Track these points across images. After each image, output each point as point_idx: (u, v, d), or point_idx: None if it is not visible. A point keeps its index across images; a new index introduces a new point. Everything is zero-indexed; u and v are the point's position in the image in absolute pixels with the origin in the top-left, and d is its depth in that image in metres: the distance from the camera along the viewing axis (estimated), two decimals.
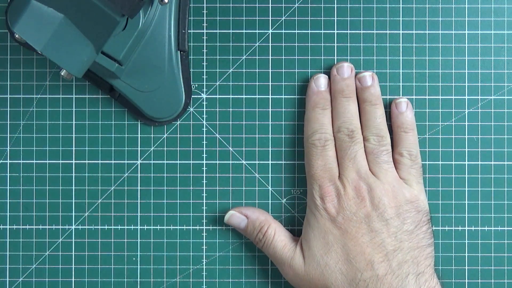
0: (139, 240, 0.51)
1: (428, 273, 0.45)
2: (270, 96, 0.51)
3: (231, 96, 0.51)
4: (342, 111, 0.48)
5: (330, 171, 0.47)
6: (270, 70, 0.51)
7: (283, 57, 0.51)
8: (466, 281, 0.50)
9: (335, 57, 0.51)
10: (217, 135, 0.51)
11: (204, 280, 0.51)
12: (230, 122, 0.51)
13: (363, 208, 0.46)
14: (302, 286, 0.47)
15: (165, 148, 0.51)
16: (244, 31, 0.51)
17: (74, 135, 0.51)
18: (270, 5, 0.51)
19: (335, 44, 0.51)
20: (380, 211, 0.46)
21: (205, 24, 0.51)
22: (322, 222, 0.46)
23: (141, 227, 0.51)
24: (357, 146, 0.47)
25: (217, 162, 0.51)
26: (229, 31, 0.51)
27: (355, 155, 0.47)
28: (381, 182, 0.46)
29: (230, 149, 0.51)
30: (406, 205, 0.46)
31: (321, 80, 0.49)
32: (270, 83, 0.51)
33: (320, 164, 0.47)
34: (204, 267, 0.51)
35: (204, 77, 0.51)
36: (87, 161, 0.51)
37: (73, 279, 0.51)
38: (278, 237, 0.48)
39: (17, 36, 0.49)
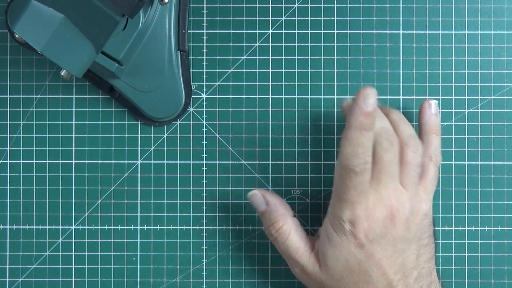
0: (139, 240, 0.51)
1: (436, 281, 0.45)
2: (270, 96, 0.51)
3: (231, 96, 0.51)
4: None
5: (364, 194, 0.43)
6: (270, 70, 0.51)
7: (283, 57, 0.51)
8: (466, 281, 0.50)
9: (335, 57, 0.51)
10: (217, 135, 0.51)
11: (204, 280, 0.51)
12: (230, 122, 0.51)
13: (392, 230, 0.43)
14: (312, 286, 0.46)
15: (165, 148, 0.51)
16: (244, 31, 0.51)
17: (74, 135, 0.51)
18: (270, 5, 0.51)
19: (335, 44, 0.51)
20: (406, 231, 0.44)
21: (205, 24, 0.51)
22: (347, 245, 0.44)
23: (141, 227, 0.51)
24: (396, 159, 0.44)
25: (217, 162, 0.51)
26: (229, 31, 0.51)
27: (394, 170, 0.44)
28: (410, 197, 0.44)
29: (230, 149, 0.51)
30: (424, 220, 0.45)
31: (372, 100, 0.42)
32: (270, 83, 0.51)
33: (357, 190, 0.43)
34: (204, 267, 0.51)
35: (204, 77, 0.51)
36: (87, 161, 0.51)
37: (73, 279, 0.51)
38: (292, 237, 0.46)
39: (17, 36, 0.49)
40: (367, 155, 0.43)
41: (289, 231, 0.46)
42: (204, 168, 0.51)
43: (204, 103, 0.51)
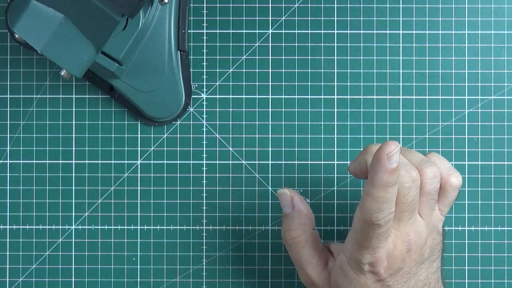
0: (139, 240, 0.51)
1: (440, 284, 0.45)
2: (270, 96, 0.51)
3: (231, 96, 0.51)
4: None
5: (385, 240, 0.42)
6: (270, 70, 0.51)
7: (283, 57, 0.51)
8: (466, 281, 0.50)
9: (335, 57, 0.51)
10: (217, 135, 0.51)
11: (204, 280, 0.51)
12: (230, 122, 0.51)
13: (408, 260, 0.43)
14: None
15: (165, 148, 0.51)
16: (244, 31, 0.51)
17: (74, 135, 0.51)
18: (270, 5, 0.51)
19: (335, 44, 0.51)
20: (420, 256, 0.43)
21: (205, 24, 0.51)
22: (363, 282, 0.43)
23: (141, 227, 0.51)
24: (417, 196, 0.42)
25: (217, 162, 0.51)
26: (229, 31, 0.51)
27: (414, 207, 0.42)
28: (427, 224, 0.43)
29: (230, 149, 0.51)
30: (437, 238, 0.44)
31: (396, 157, 0.40)
32: (270, 83, 0.51)
33: (378, 240, 0.42)
34: (204, 267, 0.51)
35: (204, 77, 0.51)
36: (87, 161, 0.51)
37: (73, 279, 0.51)
38: (306, 250, 0.45)
39: (17, 36, 0.49)
40: (392, 207, 0.41)
41: (304, 243, 0.45)
42: (204, 168, 0.51)
43: (204, 103, 0.51)
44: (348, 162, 0.50)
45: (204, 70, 0.51)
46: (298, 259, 0.45)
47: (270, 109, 0.51)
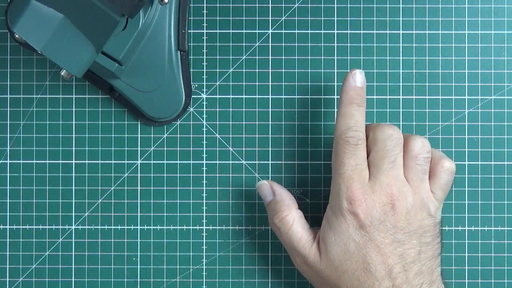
0: (139, 240, 0.51)
1: (439, 280, 0.45)
2: (270, 96, 0.51)
3: (231, 96, 0.51)
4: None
5: (360, 173, 0.44)
6: (270, 70, 0.51)
7: (283, 57, 0.51)
8: (466, 281, 0.50)
9: (335, 57, 0.51)
10: (217, 135, 0.51)
11: (204, 280, 0.51)
12: (230, 122, 0.51)
13: (392, 217, 0.44)
14: (313, 279, 0.46)
15: (165, 148, 0.51)
16: (244, 31, 0.51)
17: (74, 135, 0.51)
18: (270, 5, 0.51)
19: (335, 44, 0.51)
20: (406, 223, 0.44)
21: (205, 24, 0.51)
22: (345, 228, 0.44)
23: (141, 227, 0.51)
24: (398, 148, 0.45)
25: (217, 162, 0.51)
26: (229, 31, 0.51)
27: (395, 158, 0.45)
28: (414, 192, 0.45)
29: (230, 149, 0.51)
30: (428, 218, 0.45)
31: (359, 76, 0.46)
32: (270, 83, 0.51)
33: (351, 164, 0.44)
34: (204, 267, 0.51)
35: (204, 77, 0.51)
36: (87, 161, 0.51)
37: (73, 279, 0.51)
38: (295, 227, 0.46)
39: (17, 36, 0.49)
40: (360, 129, 0.45)
41: (292, 221, 0.46)
42: (204, 168, 0.51)
43: (204, 103, 0.51)
44: None
45: (204, 70, 0.51)
46: (288, 239, 0.46)
47: (270, 109, 0.51)
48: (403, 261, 0.44)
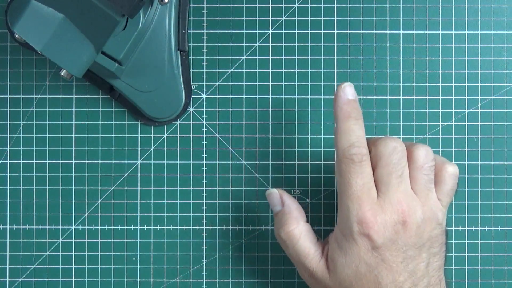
0: (139, 240, 0.51)
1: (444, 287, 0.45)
2: (270, 96, 0.51)
3: (231, 96, 0.51)
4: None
5: (369, 192, 0.42)
6: (270, 70, 0.51)
7: (283, 57, 0.51)
8: (466, 281, 0.50)
9: (335, 57, 0.51)
10: (217, 135, 0.51)
11: (204, 280, 0.51)
12: (230, 122, 0.51)
13: (403, 235, 0.42)
14: None
15: (165, 148, 0.51)
16: (244, 31, 0.51)
17: (74, 135, 0.51)
18: (270, 5, 0.51)
19: (335, 44, 0.51)
20: (417, 238, 0.43)
21: (205, 24, 0.51)
22: (357, 251, 0.42)
23: (141, 227, 0.51)
24: (403, 160, 0.43)
25: (217, 162, 0.51)
26: (229, 31, 0.51)
27: (402, 172, 0.43)
28: (422, 204, 0.43)
29: (230, 149, 0.51)
30: (437, 228, 0.44)
31: (349, 89, 0.44)
32: (270, 83, 0.51)
33: (359, 184, 0.42)
34: (204, 267, 0.51)
35: (204, 77, 0.51)
36: (87, 161, 0.51)
37: (73, 279, 0.51)
38: (302, 242, 0.45)
39: (17, 36, 0.49)
40: (363, 144, 0.43)
41: (299, 235, 0.45)
42: (204, 168, 0.51)
43: (204, 103, 0.51)
44: None
45: (204, 70, 0.51)
46: (295, 254, 0.45)
47: (270, 109, 0.51)
48: (413, 276, 0.43)
